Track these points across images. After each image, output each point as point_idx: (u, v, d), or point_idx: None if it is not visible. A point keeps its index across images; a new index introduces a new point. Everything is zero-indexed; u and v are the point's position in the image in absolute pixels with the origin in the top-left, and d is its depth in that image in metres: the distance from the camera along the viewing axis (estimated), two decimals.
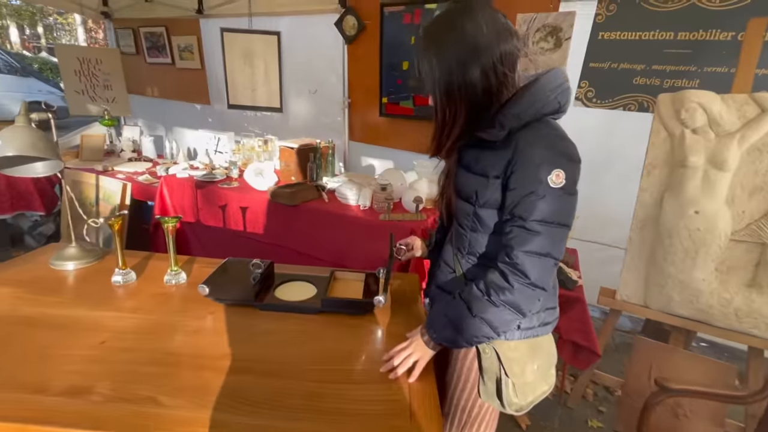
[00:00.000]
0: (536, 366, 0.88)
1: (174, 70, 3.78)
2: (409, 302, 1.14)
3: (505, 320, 0.80)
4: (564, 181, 0.73)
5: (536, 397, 0.91)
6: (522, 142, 0.76)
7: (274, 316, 1.04)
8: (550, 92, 0.77)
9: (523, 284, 0.76)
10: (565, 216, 0.76)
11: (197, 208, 2.49)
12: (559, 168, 0.73)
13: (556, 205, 0.74)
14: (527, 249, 0.76)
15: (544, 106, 0.77)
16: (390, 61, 2.67)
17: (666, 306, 1.64)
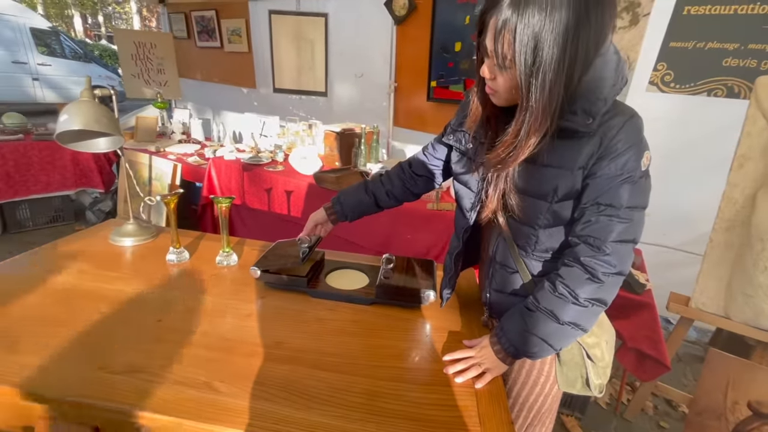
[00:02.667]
0: (605, 342, 0.86)
1: (222, 53, 3.84)
2: (468, 299, 1.06)
3: (594, 318, 0.75)
4: (648, 163, 0.70)
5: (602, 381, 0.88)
6: (607, 126, 0.68)
7: (326, 304, 0.99)
8: (617, 66, 0.67)
9: (613, 275, 0.71)
10: (647, 198, 0.72)
11: (243, 191, 2.52)
12: (647, 149, 0.70)
13: (644, 189, 0.71)
14: (618, 238, 0.70)
15: (615, 85, 0.68)
16: (442, 43, 2.54)
17: (754, 319, 1.45)
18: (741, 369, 1.51)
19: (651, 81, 1.99)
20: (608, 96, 0.67)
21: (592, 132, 0.68)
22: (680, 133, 2.03)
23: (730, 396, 1.52)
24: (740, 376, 1.51)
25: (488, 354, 0.79)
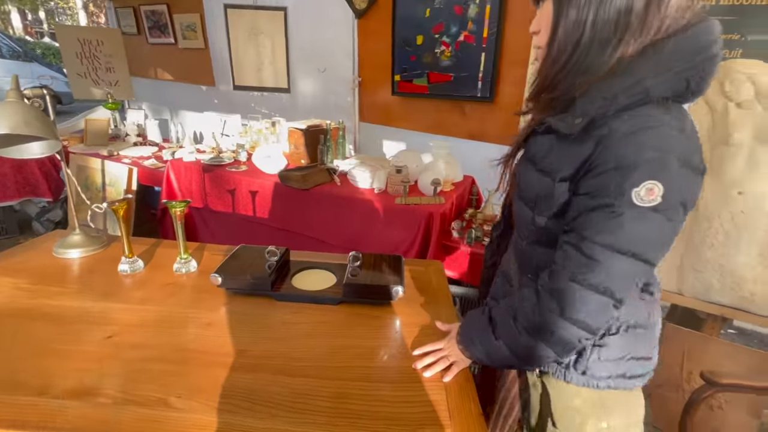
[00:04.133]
0: (605, 425, 0.68)
1: (177, 50, 3.65)
2: (437, 292, 1.06)
3: (532, 354, 0.63)
4: (660, 199, 0.50)
5: None
6: (609, 133, 0.53)
7: (292, 307, 0.96)
8: (679, 60, 0.50)
9: (555, 316, 0.58)
10: (650, 248, 0.53)
11: (205, 193, 2.41)
12: (654, 180, 0.49)
13: (638, 231, 0.52)
14: (572, 277, 0.56)
15: (658, 84, 0.51)
16: (403, 37, 2.53)
17: (704, 293, 1.54)
18: (694, 341, 1.61)
19: None
20: (619, 96, 0.53)
21: (579, 136, 0.55)
22: None
23: (686, 367, 1.62)
24: (694, 348, 1.61)
25: (454, 346, 0.78)
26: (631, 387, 0.69)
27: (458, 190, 2.08)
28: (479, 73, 2.33)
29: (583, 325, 0.58)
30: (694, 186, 0.52)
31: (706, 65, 0.51)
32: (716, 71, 0.53)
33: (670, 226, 0.53)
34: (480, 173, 2.29)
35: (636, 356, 0.67)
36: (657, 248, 0.55)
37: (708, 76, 0.52)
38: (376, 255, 1.10)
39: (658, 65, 0.52)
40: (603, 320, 0.59)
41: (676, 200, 0.51)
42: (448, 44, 2.38)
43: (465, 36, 2.31)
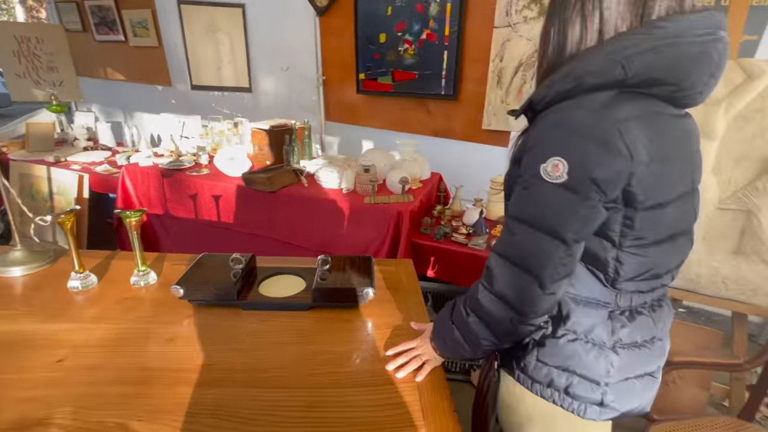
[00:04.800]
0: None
1: (128, 48, 3.45)
2: (407, 291, 1.06)
3: (474, 335, 0.64)
4: (566, 175, 0.51)
5: None
6: (541, 117, 0.57)
7: (260, 315, 0.93)
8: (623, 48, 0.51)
9: (488, 292, 0.60)
10: (556, 222, 0.53)
11: (165, 199, 2.30)
12: (560, 157, 0.51)
13: (546, 205, 0.54)
14: (500, 250, 0.59)
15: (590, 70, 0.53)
16: (366, 35, 2.51)
17: None
18: None
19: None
20: (556, 84, 0.55)
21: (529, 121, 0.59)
22: None
23: None
24: None
25: (427, 345, 0.78)
26: (581, 412, 0.63)
27: (426, 187, 2.10)
28: (442, 71, 2.36)
29: (506, 300, 0.58)
30: (607, 165, 0.51)
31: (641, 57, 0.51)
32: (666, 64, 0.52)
33: (580, 202, 0.53)
34: (447, 170, 2.32)
35: (578, 372, 0.62)
36: (569, 225, 0.54)
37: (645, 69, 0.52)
38: (346, 257, 1.09)
39: (594, 54, 0.54)
40: (527, 301, 0.57)
41: (584, 176, 0.52)
42: (411, 42, 2.39)
43: (427, 34, 2.33)
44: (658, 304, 0.65)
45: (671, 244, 0.59)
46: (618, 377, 0.61)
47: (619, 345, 0.61)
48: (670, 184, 0.56)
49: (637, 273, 0.58)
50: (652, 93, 0.54)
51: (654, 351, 0.64)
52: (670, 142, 0.55)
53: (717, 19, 0.52)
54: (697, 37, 0.51)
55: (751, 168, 1.55)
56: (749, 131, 1.54)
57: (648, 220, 0.55)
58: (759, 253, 1.51)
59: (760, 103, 1.51)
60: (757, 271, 1.50)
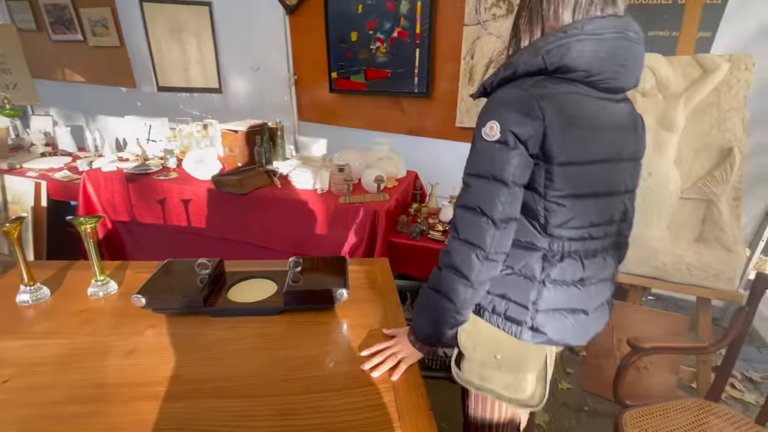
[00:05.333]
0: (499, 356, 0.78)
1: (87, 48, 3.28)
2: (383, 290, 1.04)
3: (450, 284, 0.73)
4: (499, 134, 0.67)
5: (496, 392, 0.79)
6: (488, 98, 0.72)
7: (229, 322, 0.90)
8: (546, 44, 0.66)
9: (456, 240, 0.72)
10: (496, 169, 0.68)
11: (131, 205, 2.20)
12: (494, 120, 0.67)
13: (486, 157, 0.69)
14: (459, 203, 0.73)
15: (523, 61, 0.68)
16: (338, 33, 2.48)
17: (625, 266, 1.70)
18: (621, 311, 1.77)
19: None
20: (500, 71, 0.71)
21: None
22: None
23: (616, 336, 1.77)
24: (621, 316, 1.76)
25: (404, 342, 0.81)
26: (518, 334, 0.76)
27: (402, 185, 2.09)
28: (415, 69, 2.36)
29: (470, 242, 0.70)
30: (526, 124, 0.66)
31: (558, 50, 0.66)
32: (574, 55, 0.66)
33: (510, 151, 0.67)
34: (422, 168, 2.32)
35: (512, 299, 0.76)
36: (506, 170, 0.68)
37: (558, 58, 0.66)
38: (319, 258, 1.07)
39: (527, 49, 0.69)
40: (483, 238, 0.69)
41: (509, 131, 0.67)
42: (383, 40, 2.38)
43: (399, 32, 2.33)
44: (592, 254, 0.76)
45: (594, 200, 0.73)
46: (545, 306, 0.74)
47: (548, 280, 0.74)
48: (583, 147, 0.69)
49: (561, 221, 0.71)
50: (569, 78, 0.68)
51: (584, 292, 0.76)
52: (586, 115, 0.69)
53: (624, 21, 0.67)
54: (602, 35, 0.65)
55: (709, 159, 1.62)
56: (706, 123, 1.61)
57: (563, 174, 0.68)
58: (719, 239, 1.58)
59: (716, 97, 1.58)
60: (718, 257, 1.56)
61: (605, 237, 0.77)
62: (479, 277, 0.71)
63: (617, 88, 0.71)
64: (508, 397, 0.78)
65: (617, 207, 0.77)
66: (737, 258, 1.54)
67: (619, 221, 0.80)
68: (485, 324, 0.78)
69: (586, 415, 1.69)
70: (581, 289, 0.75)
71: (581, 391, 1.82)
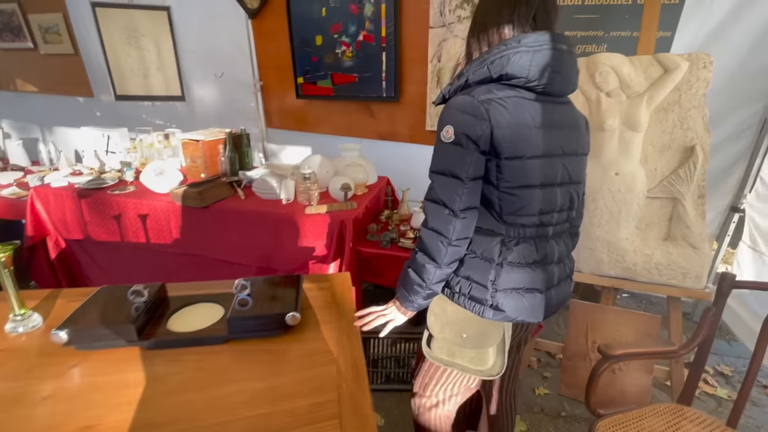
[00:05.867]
0: (464, 335, 0.90)
1: (38, 56, 3.10)
2: (341, 308, 0.98)
3: (422, 266, 0.85)
4: (453, 136, 0.77)
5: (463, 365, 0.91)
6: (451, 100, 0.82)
7: (167, 355, 0.81)
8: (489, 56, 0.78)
9: (425, 228, 0.84)
10: (453, 167, 0.78)
11: (84, 222, 2.07)
12: (449, 124, 0.78)
13: (445, 157, 0.80)
14: (427, 197, 0.84)
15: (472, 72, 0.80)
16: (302, 37, 2.41)
17: (596, 268, 1.68)
18: (595, 312, 1.75)
19: None
20: (454, 81, 0.84)
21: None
22: None
23: (590, 337, 1.75)
24: (595, 318, 1.75)
25: (392, 307, 0.95)
26: (481, 313, 0.86)
27: (373, 192, 2.03)
28: (382, 73, 2.31)
29: (436, 230, 0.82)
30: (476, 126, 0.76)
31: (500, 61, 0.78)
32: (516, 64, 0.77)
33: (463, 150, 0.77)
34: (394, 173, 2.27)
35: (475, 280, 0.86)
36: (461, 167, 0.78)
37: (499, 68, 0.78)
38: (270, 278, 1.00)
39: (476, 61, 0.81)
40: (447, 227, 0.81)
41: (461, 134, 0.77)
42: (349, 44, 2.32)
43: (364, 35, 2.27)
44: (545, 239, 0.87)
45: (540, 190, 0.82)
46: (504, 286, 0.85)
47: (505, 263, 0.85)
48: (527, 143, 0.78)
49: (514, 209, 0.82)
50: (511, 84, 0.79)
51: (538, 273, 0.86)
52: (527, 116, 0.78)
53: (556, 35, 0.78)
54: (537, 47, 0.76)
55: (674, 157, 1.62)
56: (669, 122, 1.61)
57: (510, 168, 0.79)
58: (686, 237, 1.58)
59: (677, 95, 1.59)
60: (686, 255, 1.56)
61: (555, 224, 0.88)
62: (445, 260, 0.83)
63: (556, 92, 0.82)
64: (473, 369, 0.91)
65: (564, 196, 0.87)
66: (703, 255, 1.54)
67: (567, 209, 0.89)
68: (453, 306, 0.90)
69: (563, 421, 1.67)
70: (535, 270, 0.86)
71: (558, 396, 1.79)
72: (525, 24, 0.79)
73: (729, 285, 1.10)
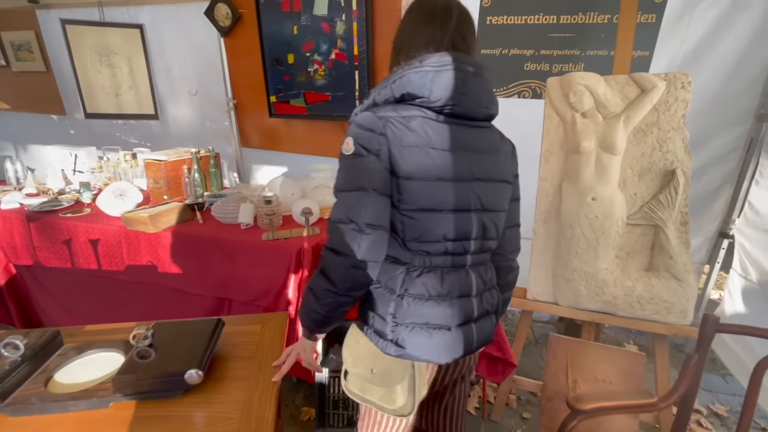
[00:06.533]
0: (374, 370, 0.83)
1: (10, 74, 3.04)
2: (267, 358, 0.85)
3: (320, 287, 0.79)
4: (353, 147, 0.74)
5: (375, 402, 0.84)
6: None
7: (39, 422, 0.68)
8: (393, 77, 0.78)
9: (327, 249, 0.78)
10: (357, 179, 0.75)
11: (33, 247, 1.94)
12: (349, 137, 0.76)
13: (349, 171, 0.76)
14: (330, 216, 0.78)
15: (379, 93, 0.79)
16: (274, 56, 2.35)
17: (574, 301, 1.56)
18: (575, 347, 1.61)
19: None
20: (365, 101, 0.82)
21: None
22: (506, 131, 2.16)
23: (571, 376, 1.61)
24: (575, 354, 1.61)
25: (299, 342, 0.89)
26: (384, 348, 0.80)
27: None
28: (355, 92, 2.24)
29: (338, 250, 0.75)
30: (374, 140, 0.73)
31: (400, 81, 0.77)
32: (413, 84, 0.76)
33: (365, 160, 0.73)
34: None
35: (377, 312, 0.81)
36: (364, 179, 0.74)
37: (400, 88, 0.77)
38: (183, 323, 0.87)
39: (382, 83, 0.81)
40: (350, 245, 0.74)
41: (361, 147, 0.74)
42: (321, 63, 2.26)
43: (336, 54, 2.21)
44: (453, 269, 0.82)
45: (443, 215, 0.77)
46: (404, 320, 0.79)
47: (406, 294, 0.79)
48: (427, 164, 0.75)
49: (416, 235, 0.77)
50: (416, 104, 0.77)
51: (444, 307, 0.80)
52: (430, 136, 0.75)
53: (463, 57, 0.77)
54: (439, 68, 0.74)
55: (654, 181, 1.52)
56: (648, 144, 1.52)
57: (409, 188, 0.75)
58: (669, 268, 1.46)
59: (655, 117, 1.50)
60: (669, 288, 1.44)
61: (465, 253, 0.82)
62: (345, 284, 0.76)
63: (465, 115, 0.78)
64: (384, 407, 0.84)
65: (472, 223, 0.81)
66: (688, 288, 1.42)
67: (482, 238, 0.83)
68: (365, 339, 0.84)
69: None
70: (440, 304, 0.80)
71: None
72: (439, 46, 0.78)
73: (712, 329, 0.98)
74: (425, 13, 0.80)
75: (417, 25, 0.80)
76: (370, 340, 0.82)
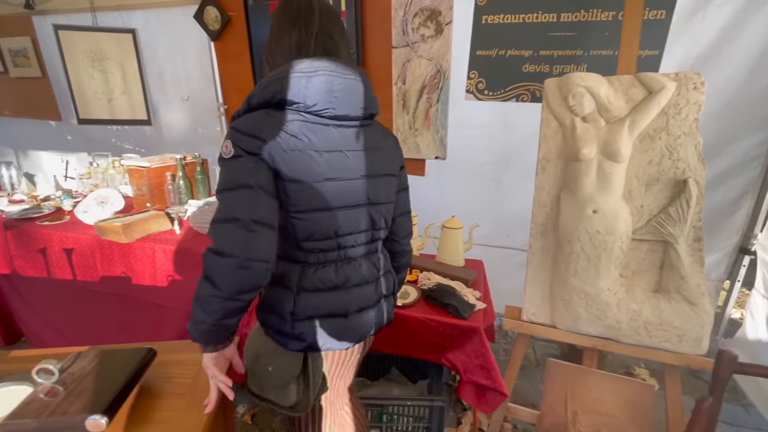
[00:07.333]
0: (270, 368, 0.84)
1: (9, 80, 3.05)
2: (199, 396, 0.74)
3: (205, 294, 0.72)
4: (233, 149, 0.73)
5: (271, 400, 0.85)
6: None
7: None
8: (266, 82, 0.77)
9: (209, 251, 0.73)
10: (239, 177, 0.73)
11: (10, 255, 1.89)
12: (228, 140, 0.74)
13: (230, 171, 0.74)
14: (213, 219, 0.74)
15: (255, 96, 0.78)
16: (263, 58, 2.27)
17: (573, 325, 1.41)
18: (575, 375, 1.46)
19: (467, 89, 1.98)
20: (242, 107, 0.79)
21: None
22: (504, 137, 2.05)
23: (570, 407, 1.45)
24: (575, 382, 1.46)
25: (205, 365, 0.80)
26: (280, 342, 0.82)
27: None
28: None
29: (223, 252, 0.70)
30: (251, 143, 0.72)
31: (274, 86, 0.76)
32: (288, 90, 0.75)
33: (246, 160, 0.72)
34: None
35: (276, 310, 0.81)
36: (246, 176, 0.72)
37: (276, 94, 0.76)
38: (111, 352, 0.77)
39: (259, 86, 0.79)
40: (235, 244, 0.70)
41: (240, 149, 0.72)
42: None
43: None
44: (346, 261, 0.84)
45: (331, 213, 0.79)
46: (302, 314, 0.81)
47: (302, 290, 0.80)
48: (308, 167, 0.76)
49: (307, 234, 0.79)
50: (292, 108, 0.76)
51: (341, 296, 0.83)
52: (309, 139, 0.76)
53: (335, 61, 0.78)
54: (311, 73, 0.75)
55: (663, 192, 1.36)
56: (657, 151, 1.37)
57: (294, 191, 0.75)
58: (680, 290, 1.30)
59: (664, 121, 1.35)
60: (681, 313, 1.28)
61: (357, 245, 0.85)
62: (232, 287, 0.71)
63: (342, 116, 0.79)
64: (280, 404, 0.85)
65: (361, 218, 0.84)
66: (703, 314, 1.26)
67: (371, 229, 0.86)
68: (264, 338, 0.85)
69: None
70: (337, 293, 0.83)
71: None
72: (307, 47, 0.79)
73: (728, 369, 0.83)
74: (289, 15, 0.80)
75: (283, 26, 0.80)
76: (272, 339, 0.83)
